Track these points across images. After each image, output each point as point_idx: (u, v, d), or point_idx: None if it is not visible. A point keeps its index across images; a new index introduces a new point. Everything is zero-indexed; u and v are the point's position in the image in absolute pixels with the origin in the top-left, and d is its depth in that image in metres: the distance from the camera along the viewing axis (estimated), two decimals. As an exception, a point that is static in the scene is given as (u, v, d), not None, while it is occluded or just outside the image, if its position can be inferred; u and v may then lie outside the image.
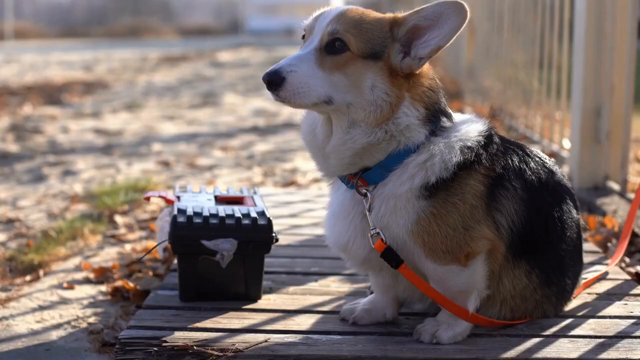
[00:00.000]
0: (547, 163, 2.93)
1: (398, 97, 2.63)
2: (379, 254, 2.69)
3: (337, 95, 2.60)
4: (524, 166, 2.81)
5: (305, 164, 7.13)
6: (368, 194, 2.69)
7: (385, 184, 2.68)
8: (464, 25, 2.59)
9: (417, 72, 2.66)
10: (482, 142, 2.73)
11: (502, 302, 2.84)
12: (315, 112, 2.72)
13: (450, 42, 2.62)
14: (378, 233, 2.67)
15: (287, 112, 10.60)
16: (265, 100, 11.93)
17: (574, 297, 3.13)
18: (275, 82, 2.55)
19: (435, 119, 2.70)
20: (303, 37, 2.72)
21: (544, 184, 2.84)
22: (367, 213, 2.69)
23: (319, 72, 2.59)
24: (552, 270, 2.87)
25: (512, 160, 2.79)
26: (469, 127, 2.75)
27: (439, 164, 2.65)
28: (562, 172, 3.00)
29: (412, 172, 2.65)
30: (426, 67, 2.70)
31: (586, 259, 3.63)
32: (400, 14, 2.66)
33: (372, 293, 3.04)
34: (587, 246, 3.95)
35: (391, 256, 2.68)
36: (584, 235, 4.19)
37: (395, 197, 2.67)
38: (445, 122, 2.73)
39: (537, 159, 2.90)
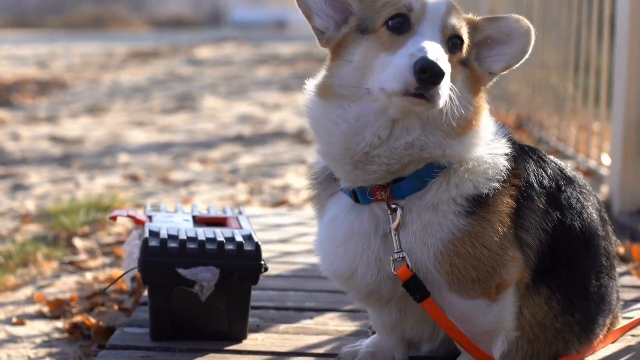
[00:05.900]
0: (564, 169, 2.97)
1: (480, 108, 2.69)
2: (391, 284, 2.68)
3: None
4: (543, 173, 2.86)
5: (298, 181, 7.15)
6: (399, 209, 2.67)
7: (422, 195, 2.66)
8: (529, 52, 2.70)
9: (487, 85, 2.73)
10: (511, 150, 2.78)
11: (521, 334, 2.84)
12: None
13: (519, 65, 2.73)
14: (404, 258, 2.64)
15: (277, 120, 10.63)
16: (251, 105, 11.97)
17: (612, 330, 3.14)
18: (442, 75, 2.43)
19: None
20: (395, 17, 2.57)
21: (563, 193, 2.87)
22: (393, 232, 2.65)
23: None
24: (576, 295, 2.88)
25: (530, 166, 2.84)
26: (495, 133, 2.80)
27: (493, 170, 2.69)
28: (582, 178, 3.04)
29: (462, 175, 2.66)
30: None
31: (630, 295, 3.64)
32: (476, 18, 2.72)
33: (374, 333, 3.04)
34: (631, 280, 3.96)
35: (416, 287, 2.66)
36: (627, 267, 4.21)
37: (432, 210, 2.65)
38: None
39: (554, 164, 2.95)
